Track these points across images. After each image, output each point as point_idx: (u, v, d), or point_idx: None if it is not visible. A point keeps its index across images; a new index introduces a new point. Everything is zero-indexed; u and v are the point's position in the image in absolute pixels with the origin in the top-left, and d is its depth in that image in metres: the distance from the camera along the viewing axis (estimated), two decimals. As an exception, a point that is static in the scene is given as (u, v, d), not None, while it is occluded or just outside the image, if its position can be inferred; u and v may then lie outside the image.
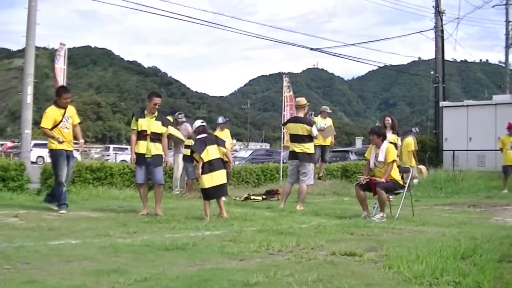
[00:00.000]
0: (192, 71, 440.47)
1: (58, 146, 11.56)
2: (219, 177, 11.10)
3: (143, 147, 11.50)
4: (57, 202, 11.65)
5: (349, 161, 29.82)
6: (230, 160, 11.64)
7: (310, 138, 13.79)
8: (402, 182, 12.15)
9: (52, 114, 11.69)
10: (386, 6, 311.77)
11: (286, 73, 30.81)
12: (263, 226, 9.79)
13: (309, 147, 13.77)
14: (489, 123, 26.62)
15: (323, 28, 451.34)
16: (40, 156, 38.46)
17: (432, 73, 33.41)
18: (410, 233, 9.60)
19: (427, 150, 29.74)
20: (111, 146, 65.82)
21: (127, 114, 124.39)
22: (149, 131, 11.50)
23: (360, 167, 21.90)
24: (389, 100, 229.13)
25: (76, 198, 13.89)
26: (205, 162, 10.97)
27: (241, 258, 6.77)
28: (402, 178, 12.29)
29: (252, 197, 16.15)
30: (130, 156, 12.21)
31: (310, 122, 14.06)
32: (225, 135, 15.89)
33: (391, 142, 13.92)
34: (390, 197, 12.75)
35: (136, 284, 5.31)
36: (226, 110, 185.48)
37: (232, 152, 22.09)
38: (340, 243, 7.91)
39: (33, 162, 19.97)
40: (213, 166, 11.01)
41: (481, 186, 21.15)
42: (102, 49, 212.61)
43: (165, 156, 11.91)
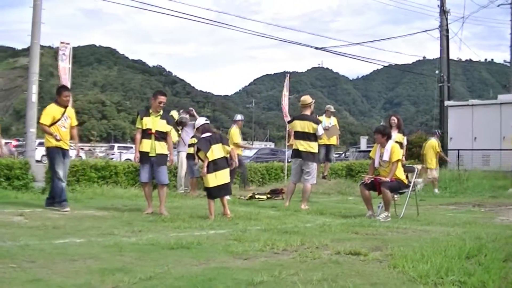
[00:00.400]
0: (196, 70, 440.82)
1: (54, 144, 11.65)
2: (223, 176, 11.11)
3: (148, 146, 11.49)
4: (57, 199, 11.73)
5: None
6: (234, 158, 11.62)
7: (315, 137, 13.78)
8: (406, 182, 12.15)
9: (51, 111, 11.81)
10: (390, 5, 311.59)
11: (290, 72, 30.77)
12: (268, 225, 9.79)
13: (313, 146, 13.76)
14: (494, 123, 26.56)
15: (328, 27, 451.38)
16: (44, 155, 38.39)
17: (437, 72, 33.35)
18: (415, 232, 9.58)
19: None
20: (116, 145, 65.87)
21: (132, 113, 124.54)
22: (153, 130, 11.50)
23: (364, 166, 21.88)
24: (394, 99, 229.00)
25: (80, 196, 13.93)
26: (209, 161, 10.98)
27: (245, 257, 6.76)
28: (407, 177, 12.28)
29: (256, 196, 16.16)
30: (134, 155, 12.23)
31: (316, 121, 14.08)
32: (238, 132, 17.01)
33: (397, 142, 13.93)
34: (395, 196, 12.74)
35: (140, 283, 5.30)
36: (231, 109, 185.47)
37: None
38: (345, 242, 7.90)
39: (37, 161, 19.96)
40: (217, 165, 11.02)
41: (486, 186, 21.15)
42: (106, 48, 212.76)
43: (169, 154, 11.92)
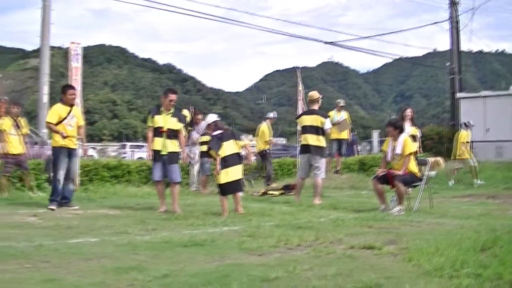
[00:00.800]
0: (206, 67, 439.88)
1: (59, 143, 11.73)
2: (235, 172, 11.10)
3: (159, 144, 11.49)
4: (50, 196, 11.90)
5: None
6: (249, 150, 11.74)
7: (323, 131, 13.78)
8: (419, 174, 12.11)
9: (57, 110, 11.93)
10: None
11: (300, 67, 30.72)
12: (281, 221, 9.79)
13: (321, 140, 13.77)
14: (506, 114, 26.49)
15: (337, 21, 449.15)
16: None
17: (447, 64, 33.29)
18: (429, 225, 9.56)
19: (445, 142, 29.62)
20: (128, 144, 65.87)
21: (143, 112, 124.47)
22: (165, 128, 11.49)
23: (377, 160, 21.83)
24: (405, 92, 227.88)
25: (94, 196, 13.98)
26: (221, 158, 10.97)
27: (260, 253, 6.77)
28: (420, 170, 12.24)
29: (269, 192, 16.13)
30: (146, 153, 12.26)
31: (324, 114, 14.09)
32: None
33: (412, 135, 13.92)
34: (409, 189, 12.70)
35: (155, 281, 5.31)
36: (242, 106, 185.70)
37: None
38: (358, 237, 7.90)
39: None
40: (228, 162, 11.00)
41: (499, 177, 21.01)
42: (116, 47, 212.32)
43: (182, 152, 11.93)
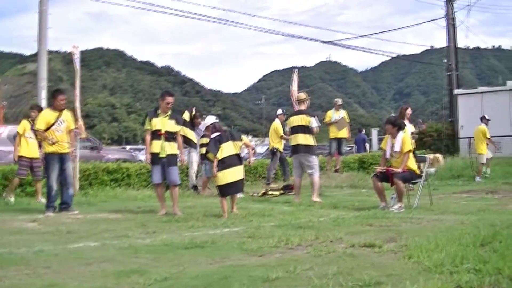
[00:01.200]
0: (205, 69, 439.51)
1: (50, 149, 11.77)
2: (235, 173, 11.10)
3: (158, 147, 11.49)
4: (46, 203, 11.94)
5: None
6: (250, 146, 11.84)
7: (310, 130, 13.84)
8: (419, 172, 12.13)
9: (45, 116, 11.95)
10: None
11: (299, 67, 30.69)
12: (282, 221, 9.80)
13: (309, 139, 13.85)
14: (504, 109, 26.55)
15: (335, 20, 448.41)
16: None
17: (445, 61, 33.33)
18: (429, 222, 9.58)
19: (443, 138, 29.68)
20: (127, 147, 65.87)
21: (142, 115, 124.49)
22: (163, 130, 11.49)
23: (376, 158, 21.85)
24: (403, 90, 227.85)
25: (94, 200, 13.99)
26: (219, 160, 10.96)
27: (260, 254, 6.77)
28: (419, 167, 12.26)
29: (269, 192, 16.14)
30: (145, 156, 12.25)
31: (311, 113, 14.13)
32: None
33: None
34: (411, 185, 12.72)
35: (156, 284, 5.32)
36: (241, 107, 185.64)
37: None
38: (359, 235, 7.92)
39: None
40: (227, 163, 11.00)
41: (498, 173, 21.08)
42: (114, 50, 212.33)
43: (180, 154, 11.93)
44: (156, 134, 11.52)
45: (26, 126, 13.59)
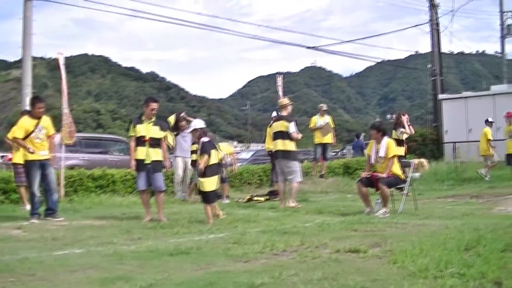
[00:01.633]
0: (190, 75, 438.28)
1: (30, 157, 11.74)
2: (216, 182, 11.06)
3: (143, 153, 11.47)
4: (30, 210, 11.92)
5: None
6: (234, 158, 11.84)
7: (289, 136, 13.89)
8: (403, 177, 12.17)
9: (24, 124, 11.87)
10: (381, 2, 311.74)
11: (284, 72, 30.77)
12: (267, 227, 9.80)
13: (288, 145, 13.92)
14: (488, 114, 26.61)
15: (320, 26, 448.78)
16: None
17: (429, 66, 33.49)
18: (413, 227, 9.61)
19: (428, 143, 29.83)
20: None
21: (127, 121, 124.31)
22: (147, 137, 11.48)
23: (361, 164, 21.90)
24: (388, 95, 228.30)
25: (79, 207, 13.95)
26: (207, 166, 10.91)
27: (245, 259, 6.78)
28: (404, 172, 12.31)
29: (255, 198, 16.15)
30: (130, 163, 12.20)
31: (289, 119, 14.15)
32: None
33: (397, 139, 14.20)
34: (403, 192, 12.65)
35: (141, 290, 5.31)
36: (226, 112, 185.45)
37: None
38: (344, 240, 7.94)
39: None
40: (214, 170, 10.98)
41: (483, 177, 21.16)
42: (99, 56, 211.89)
43: (165, 160, 11.90)
44: (140, 141, 11.50)
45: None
